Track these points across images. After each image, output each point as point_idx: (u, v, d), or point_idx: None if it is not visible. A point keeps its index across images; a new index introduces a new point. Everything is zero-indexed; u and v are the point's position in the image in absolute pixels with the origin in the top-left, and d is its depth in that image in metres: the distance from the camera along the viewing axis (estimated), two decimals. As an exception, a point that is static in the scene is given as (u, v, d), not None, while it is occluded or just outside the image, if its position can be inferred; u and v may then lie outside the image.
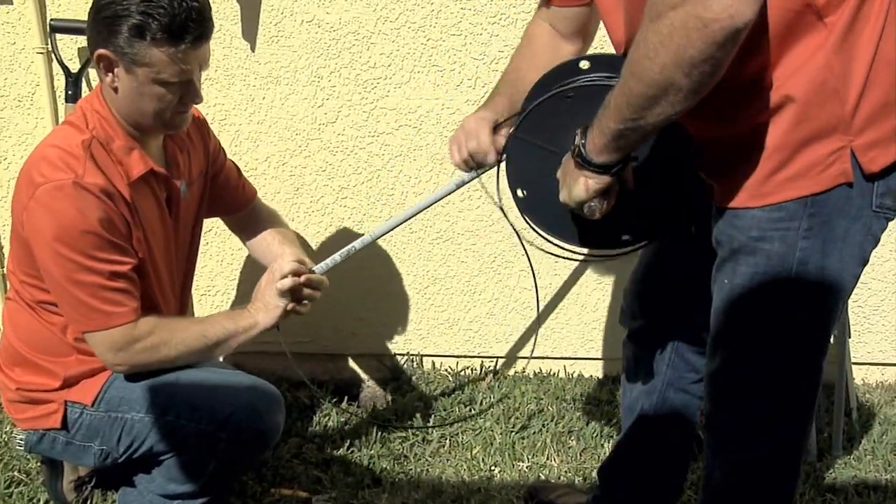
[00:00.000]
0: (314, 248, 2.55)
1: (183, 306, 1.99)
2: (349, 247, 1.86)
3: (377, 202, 2.52)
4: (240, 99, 2.39)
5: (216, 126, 2.39)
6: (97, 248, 1.61)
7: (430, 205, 1.79)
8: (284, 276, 1.79)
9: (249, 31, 2.33)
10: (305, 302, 1.85)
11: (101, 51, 1.61)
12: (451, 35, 2.35)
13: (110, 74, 1.64)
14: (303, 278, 1.81)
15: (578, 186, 1.32)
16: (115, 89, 1.65)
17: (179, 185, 1.82)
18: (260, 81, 2.38)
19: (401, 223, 1.83)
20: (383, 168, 2.48)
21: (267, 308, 1.80)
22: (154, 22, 1.56)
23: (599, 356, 2.76)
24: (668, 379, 1.79)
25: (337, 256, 1.87)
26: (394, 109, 2.42)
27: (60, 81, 2.33)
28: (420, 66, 2.38)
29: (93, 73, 2.34)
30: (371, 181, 2.49)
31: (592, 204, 1.32)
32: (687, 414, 1.83)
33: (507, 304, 2.68)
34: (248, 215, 2.07)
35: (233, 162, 2.07)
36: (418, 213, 1.81)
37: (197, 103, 1.72)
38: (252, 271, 2.48)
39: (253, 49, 2.35)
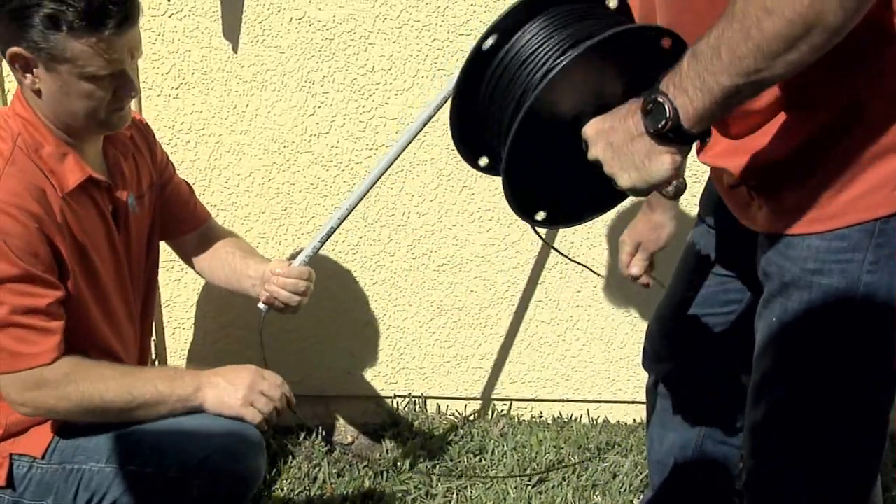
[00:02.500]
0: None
1: (144, 335, 1.95)
2: (326, 227, 1.78)
3: (375, 223, 2.49)
4: (220, 106, 2.37)
5: (193, 136, 2.37)
6: (9, 279, 1.54)
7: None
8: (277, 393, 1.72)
9: (231, 29, 2.30)
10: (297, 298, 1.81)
11: (14, 49, 1.54)
12: (460, 35, 2.32)
13: (29, 76, 1.58)
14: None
15: (663, 166, 1.14)
16: (38, 92, 1.60)
17: (127, 198, 1.77)
18: (243, 86, 2.35)
19: (374, 182, 1.77)
20: (382, 185, 2.44)
21: (226, 396, 1.69)
22: (69, 9, 1.49)
23: (628, 399, 2.74)
24: (706, 430, 1.77)
25: (316, 243, 1.79)
26: (395, 119, 2.39)
27: (13, 84, 2.28)
28: (424, 70, 2.35)
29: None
30: (369, 199, 2.45)
31: (679, 182, 1.17)
32: (728, 467, 1.80)
33: (523, 339, 2.65)
34: (200, 237, 2.02)
35: (185, 181, 2.04)
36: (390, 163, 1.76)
37: (133, 97, 1.67)
38: (231, 303, 2.43)
39: (235, 50, 2.32)
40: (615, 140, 1.15)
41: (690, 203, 2.25)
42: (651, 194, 1.36)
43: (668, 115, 1.09)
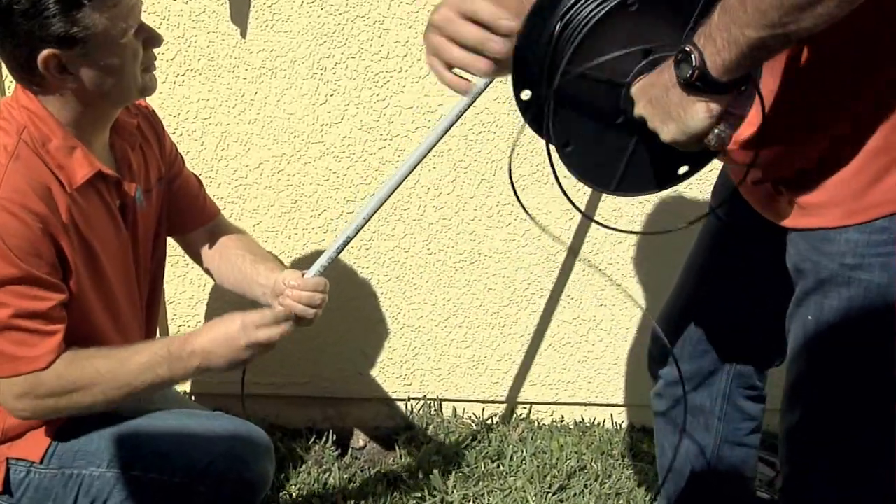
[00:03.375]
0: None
1: (149, 334, 1.94)
2: (343, 236, 1.73)
3: (390, 217, 2.47)
4: (228, 94, 2.35)
5: (199, 126, 2.36)
6: (10, 280, 1.53)
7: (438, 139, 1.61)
8: (274, 321, 1.67)
9: (239, 13, 2.28)
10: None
11: (46, 52, 1.50)
12: (479, 20, 2.29)
13: (68, 77, 1.55)
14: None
15: (697, 115, 1.13)
16: (76, 90, 1.57)
17: (134, 192, 1.75)
18: (252, 73, 2.33)
19: (399, 182, 1.69)
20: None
21: (228, 350, 1.67)
22: None
23: (653, 403, 2.69)
24: (722, 433, 1.77)
25: (332, 252, 1.75)
26: (410, 108, 2.37)
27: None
28: None
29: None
30: (382, 192, 2.43)
31: (720, 130, 1.16)
32: (746, 471, 1.80)
33: (544, 340, 2.64)
34: (209, 234, 2.01)
35: (194, 174, 2.03)
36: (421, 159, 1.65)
37: (160, 45, 1.64)
38: (240, 300, 2.39)
39: (244, 35, 2.30)
40: (654, 94, 1.16)
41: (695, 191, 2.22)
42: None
43: (695, 64, 1.09)
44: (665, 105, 1.15)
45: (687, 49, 1.10)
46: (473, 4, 1.17)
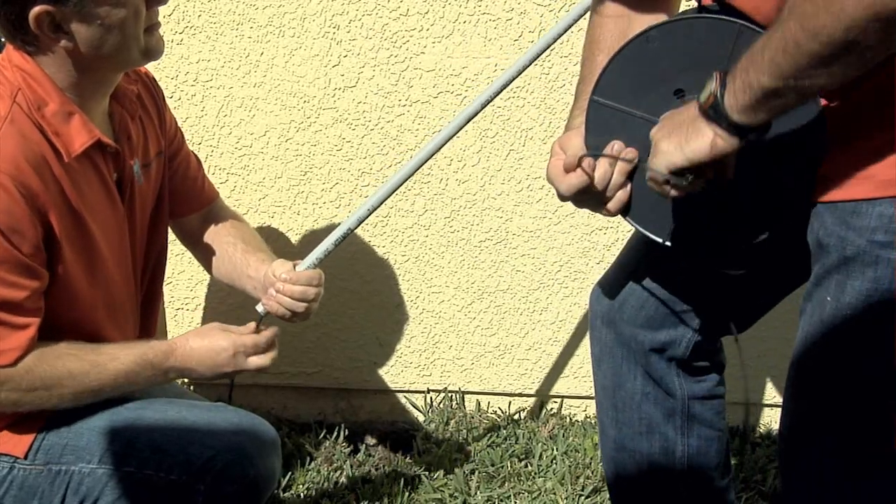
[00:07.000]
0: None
1: (147, 318, 1.95)
2: (343, 226, 1.78)
3: (408, 191, 2.47)
4: (231, 55, 2.36)
5: (199, 89, 2.37)
6: None
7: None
8: (263, 344, 1.80)
9: (244, -36, 2.30)
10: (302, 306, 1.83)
11: (38, 9, 1.50)
12: (507, -27, 2.31)
13: (63, 36, 1.55)
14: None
15: (701, 139, 1.27)
16: (72, 50, 1.57)
17: (133, 165, 1.76)
18: (257, 32, 2.34)
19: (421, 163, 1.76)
20: (417, 147, 2.43)
21: (212, 373, 1.78)
22: None
23: (697, 398, 2.68)
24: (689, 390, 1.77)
25: (329, 244, 1.80)
26: (431, 71, 2.37)
27: None
28: (466, 14, 2.33)
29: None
30: (400, 164, 2.43)
31: (689, 177, 1.31)
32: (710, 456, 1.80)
33: (577, 327, 2.63)
34: (204, 219, 2.02)
35: (194, 153, 2.04)
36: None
37: (165, 2, 1.65)
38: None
39: (249, -11, 2.32)
40: (673, 115, 1.34)
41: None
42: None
43: (712, 90, 1.24)
44: (678, 122, 1.31)
45: (714, 75, 1.25)
46: (564, 191, 1.45)
